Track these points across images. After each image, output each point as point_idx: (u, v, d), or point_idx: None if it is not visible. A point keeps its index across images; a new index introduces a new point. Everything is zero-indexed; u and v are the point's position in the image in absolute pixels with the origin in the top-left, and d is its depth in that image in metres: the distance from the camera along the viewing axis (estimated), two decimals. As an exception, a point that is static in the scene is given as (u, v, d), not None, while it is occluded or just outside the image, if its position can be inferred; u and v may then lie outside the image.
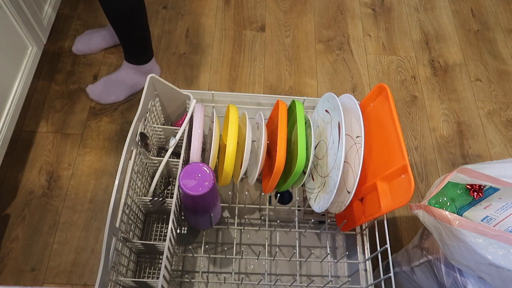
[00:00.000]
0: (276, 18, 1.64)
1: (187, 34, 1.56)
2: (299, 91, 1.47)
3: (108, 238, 0.78)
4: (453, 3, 1.74)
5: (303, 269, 1.08)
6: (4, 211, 1.17)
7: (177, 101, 1.07)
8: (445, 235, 0.74)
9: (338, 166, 0.85)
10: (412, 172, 0.77)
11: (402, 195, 0.78)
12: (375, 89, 0.91)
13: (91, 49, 1.46)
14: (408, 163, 0.77)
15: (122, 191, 0.87)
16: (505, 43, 1.64)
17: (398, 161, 0.80)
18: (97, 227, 1.17)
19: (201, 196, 0.82)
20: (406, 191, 0.76)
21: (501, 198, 0.81)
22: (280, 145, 0.89)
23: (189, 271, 1.06)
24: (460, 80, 1.54)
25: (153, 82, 0.99)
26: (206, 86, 1.45)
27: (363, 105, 0.94)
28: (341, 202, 0.90)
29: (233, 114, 0.95)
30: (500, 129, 1.44)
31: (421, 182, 1.32)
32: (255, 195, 1.18)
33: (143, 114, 0.95)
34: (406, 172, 0.77)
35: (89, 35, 1.47)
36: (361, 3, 1.71)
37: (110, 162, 1.27)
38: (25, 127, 1.31)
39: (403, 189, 0.78)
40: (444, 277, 0.81)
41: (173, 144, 0.99)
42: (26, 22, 1.20)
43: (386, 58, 1.57)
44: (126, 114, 1.36)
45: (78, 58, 1.46)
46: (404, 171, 0.78)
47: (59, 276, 1.10)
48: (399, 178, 0.80)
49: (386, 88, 0.88)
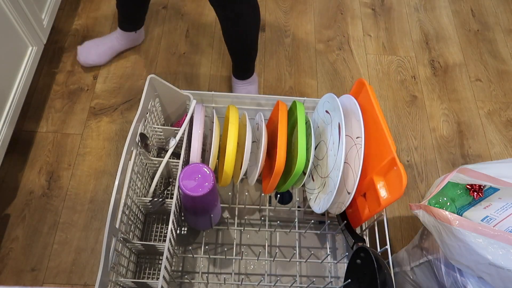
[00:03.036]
0: (276, 18, 1.64)
1: (187, 34, 1.56)
2: (299, 91, 1.47)
3: (108, 238, 0.78)
4: (453, 3, 1.74)
5: (303, 270, 1.08)
6: (4, 211, 1.17)
7: (177, 102, 1.07)
8: (445, 235, 0.74)
9: (338, 167, 0.85)
10: (401, 163, 0.77)
11: (397, 187, 0.78)
12: (356, 86, 0.92)
13: (100, 61, 1.42)
14: (395, 156, 0.78)
15: (122, 191, 0.87)
16: (505, 43, 1.63)
17: (388, 154, 0.80)
18: (97, 227, 1.17)
19: (201, 197, 0.82)
20: (399, 183, 0.77)
21: (501, 198, 0.81)
22: (280, 145, 0.89)
23: (189, 271, 1.06)
24: (460, 80, 1.53)
25: (153, 82, 0.99)
26: (206, 86, 1.45)
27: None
28: (341, 202, 0.90)
29: (233, 115, 0.95)
30: (500, 129, 1.44)
31: (421, 182, 1.32)
32: (255, 196, 1.18)
33: (143, 114, 0.95)
34: (396, 164, 0.78)
35: (95, 45, 1.41)
36: (361, 3, 1.71)
37: (110, 162, 1.27)
38: (25, 127, 1.31)
39: (397, 181, 0.78)
40: (444, 277, 0.81)
41: (173, 144, 1.00)
42: (26, 22, 1.20)
43: (386, 58, 1.57)
44: (126, 114, 1.36)
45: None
46: (394, 164, 0.79)
47: (59, 276, 1.10)
48: (392, 170, 0.81)
49: (365, 83, 0.89)
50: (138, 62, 1.47)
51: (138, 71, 1.45)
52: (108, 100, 1.38)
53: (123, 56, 1.48)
